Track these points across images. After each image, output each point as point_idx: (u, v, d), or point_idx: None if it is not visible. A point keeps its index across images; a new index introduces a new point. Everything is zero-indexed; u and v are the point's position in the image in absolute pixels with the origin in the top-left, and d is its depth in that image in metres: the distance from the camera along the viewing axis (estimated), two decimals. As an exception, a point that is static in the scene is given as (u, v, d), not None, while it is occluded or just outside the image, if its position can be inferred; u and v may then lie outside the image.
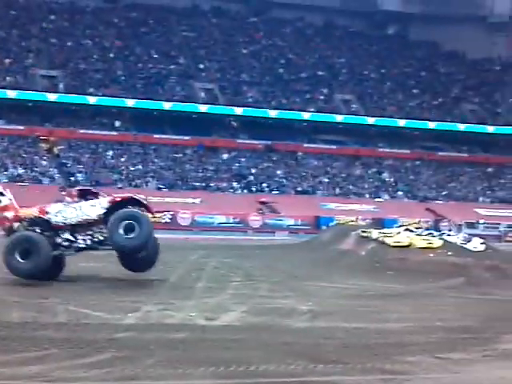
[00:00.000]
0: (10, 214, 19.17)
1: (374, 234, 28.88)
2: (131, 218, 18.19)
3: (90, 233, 18.96)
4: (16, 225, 18.97)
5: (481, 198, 62.17)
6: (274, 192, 57.29)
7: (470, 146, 69.27)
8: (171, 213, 49.63)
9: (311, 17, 78.41)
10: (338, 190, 60.14)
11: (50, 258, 18.37)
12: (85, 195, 19.20)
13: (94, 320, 13.97)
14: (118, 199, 19.06)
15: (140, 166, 57.61)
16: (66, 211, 18.82)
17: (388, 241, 27.43)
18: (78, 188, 19.37)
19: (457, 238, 30.10)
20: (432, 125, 66.35)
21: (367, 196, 59.89)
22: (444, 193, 62.13)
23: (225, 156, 61.80)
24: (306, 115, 64.24)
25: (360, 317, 15.68)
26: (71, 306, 15.19)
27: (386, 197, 60.32)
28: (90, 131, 59.33)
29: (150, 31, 70.29)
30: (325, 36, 77.36)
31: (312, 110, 64.66)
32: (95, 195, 19.14)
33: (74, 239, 18.90)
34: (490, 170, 67.41)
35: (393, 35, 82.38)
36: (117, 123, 61.20)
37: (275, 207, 53.47)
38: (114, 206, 18.70)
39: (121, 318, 14.28)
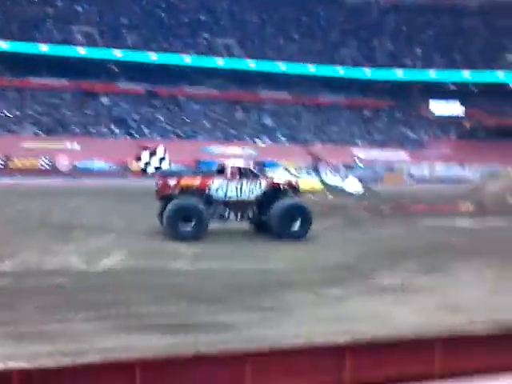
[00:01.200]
0: (172, 182, 19.18)
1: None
2: (295, 211, 19.28)
3: (242, 210, 19.63)
4: (175, 192, 19.09)
5: (359, 141, 63.52)
6: (155, 137, 56.74)
7: (348, 90, 70.46)
8: (49, 159, 48.61)
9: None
10: (219, 134, 60.15)
11: (207, 225, 18.84)
12: (245, 174, 19.66)
13: (-31, 267, 13.59)
14: (277, 184, 19.98)
15: (16, 111, 55.83)
16: (227, 189, 19.39)
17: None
18: (238, 167, 19.62)
19: (336, 180, 30.80)
20: (312, 69, 67.00)
21: (248, 140, 60.17)
22: (323, 136, 63.08)
23: (104, 101, 60.64)
24: (187, 59, 63.67)
25: (244, 258, 15.87)
26: None
27: (267, 140, 60.76)
28: (-38, 75, 57.02)
29: (25, -29, 67.68)
30: (205, -21, 76.48)
31: (193, 54, 64.13)
32: (255, 175, 19.72)
33: (227, 214, 19.56)
34: (366, 113, 68.83)
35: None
36: (-9, 67, 59.05)
37: (157, 152, 53.00)
38: (272, 189, 19.73)
39: (-3, 264, 13.93)
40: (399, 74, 69.41)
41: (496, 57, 70.84)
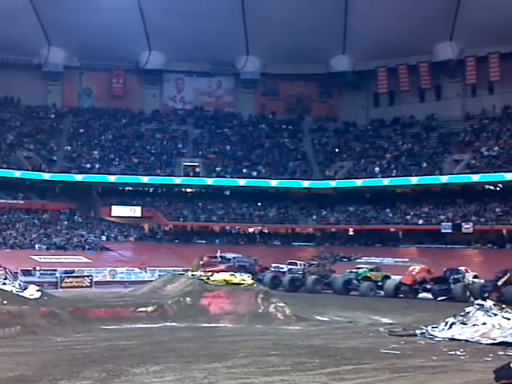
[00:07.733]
0: None
1: None
2: None
3: None
4: None
5: (37, 245, 61.64)
6: None
7: (26, 192, 68.90)
8: None
9: None
10: None
11: None
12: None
13: None
14: None
15: None
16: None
17: None
18: None
19: (13, 287, 29.59)
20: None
21: None
22: (-1, 241, 60.56)
23: None
24: None
25: None
26: None
27: None
28: None
29: None
30: None
31: None
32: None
33: None
34: (46, 216, 67.50)
35: None
36: None
37: None
38: None
39: None
40: (78, 177, 69.23)
41: (171, 161, 73.64)
